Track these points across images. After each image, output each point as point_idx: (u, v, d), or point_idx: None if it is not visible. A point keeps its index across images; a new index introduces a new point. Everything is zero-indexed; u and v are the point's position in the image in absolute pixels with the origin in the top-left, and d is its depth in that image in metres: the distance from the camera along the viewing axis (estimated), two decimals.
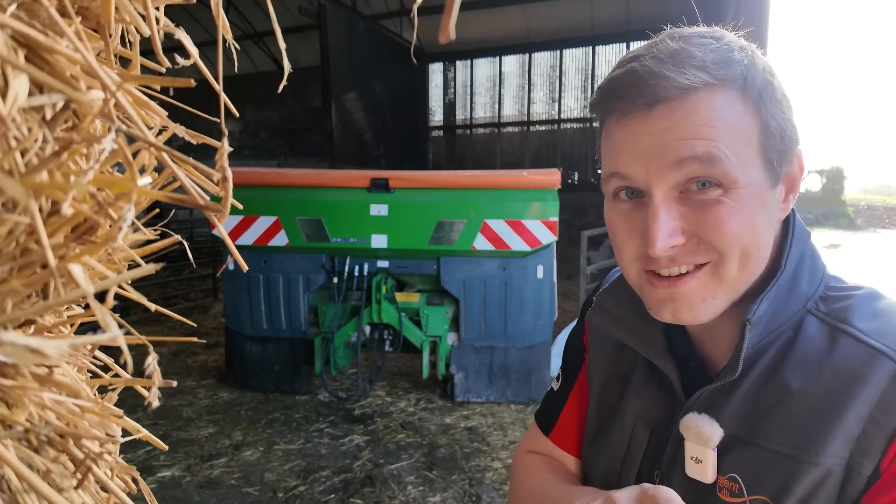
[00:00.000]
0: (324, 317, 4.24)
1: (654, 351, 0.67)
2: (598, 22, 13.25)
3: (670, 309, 0.59)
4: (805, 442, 0.54)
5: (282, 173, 4.30)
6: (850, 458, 0.53)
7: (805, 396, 0.56)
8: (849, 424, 0.53)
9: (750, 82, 0.56)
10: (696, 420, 0.60)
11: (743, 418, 0.59)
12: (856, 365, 0.54)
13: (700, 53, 0.55)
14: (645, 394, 0.70)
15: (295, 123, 15.32)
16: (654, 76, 0.54)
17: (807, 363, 0.57)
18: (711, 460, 0.59)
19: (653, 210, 0.56)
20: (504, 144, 15.19)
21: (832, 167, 28.46)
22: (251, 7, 13.56)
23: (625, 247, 0.61)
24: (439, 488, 3.09)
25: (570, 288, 8.04)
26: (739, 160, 0.54)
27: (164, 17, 0.41)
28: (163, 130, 0.43)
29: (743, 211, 0.55)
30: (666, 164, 0.55)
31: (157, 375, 0.40)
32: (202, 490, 3.04)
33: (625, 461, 0.70)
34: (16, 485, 0.33)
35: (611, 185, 0.61)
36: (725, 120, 0.54)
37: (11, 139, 0.29)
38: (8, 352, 0.26)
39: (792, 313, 0.60)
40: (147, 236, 0.45)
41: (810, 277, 0.62)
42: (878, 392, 0.52)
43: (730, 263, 0.56)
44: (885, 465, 0.51)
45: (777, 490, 0.55)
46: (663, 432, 0.67)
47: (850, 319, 0.57)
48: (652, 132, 0.55)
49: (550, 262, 4.09)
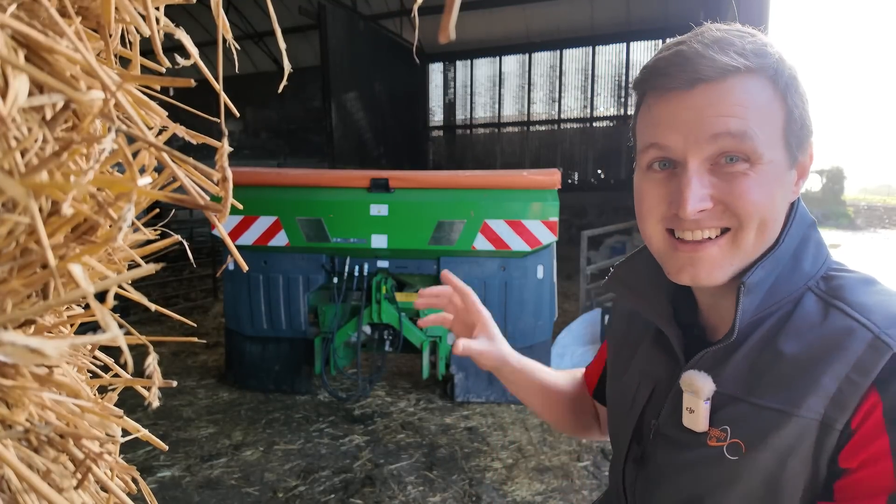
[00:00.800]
0: (324, 317, 4.24)
1: (661, 317, 0.74)
2: (598, 22, 13.25)
3: (689, 273, 0.65)
4: (788, 396, 0.60)
5: (282, 173, 4.30)
6: (825, 415, 0.57)
7: (794, 360, 0.61)
8: (826, 383, 0.58)
9: (780, 73, 0.62)
10: (692, 375, 0.67)
11: (740, 380, 0.65)
12: (839, 334, 0.60)
13: (740, 42, 0.61)
14: (650, 355, 0.78)
15: (295, 123, 15.32)
16: (700, 56, 0.60)
17: (800, 332, 0.63)
18: (703, 411, 0.66)
19: (687, 177, 0.62)
20: (504, 144, 15.18)
21: (832, 167, 28.47)
22: (251, 7, 13.56)
23: (653, 210, 0.67)
24: (439, 488, 3.09)
25: (570, 288, 8.04)
26: (766, 139, 0.60)
27: (164, 17, 0.41)
28: (163, 130, 0.43)
29: (765, 185, 0.61)
30: (703, 137, 0.61)
31: (157, 375, 0.40)
32: (202, 490, 3.04)
33: (629, 412, 0.79)
34: (16, 485, 0.33)
35: (647, 155, 0.66)
36: (757, 102, 0.60)
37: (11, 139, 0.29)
38: (8, 352, 0.26)
39: (794, 289, 0.65)
40: (147, 236, 0.45)
41: (814, 259, 0.67)
42: (855, 357, 0.57)
43: (748, 231, 0.62)
44: (857, 422, 0.56)
45: (753, 437, 0.61)
46: (664, 389, 0.74)
47: (842, 296, 0.63)
48: (690, 107, 0.61)
49: (550, 262, 4.08)
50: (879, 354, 0.56)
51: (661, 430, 0.73)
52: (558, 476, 3.22)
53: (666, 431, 0.72)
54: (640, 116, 0.69)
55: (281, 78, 0.47)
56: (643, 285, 0.77)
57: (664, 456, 0.72)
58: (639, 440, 0.77)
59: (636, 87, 0.69)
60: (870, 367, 0.56)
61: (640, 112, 0.69)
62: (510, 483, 3.14)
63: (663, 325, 0.74)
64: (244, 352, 4.38)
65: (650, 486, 0.74)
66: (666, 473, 0.71)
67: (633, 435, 0.77)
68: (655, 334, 0.78)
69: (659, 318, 0.74)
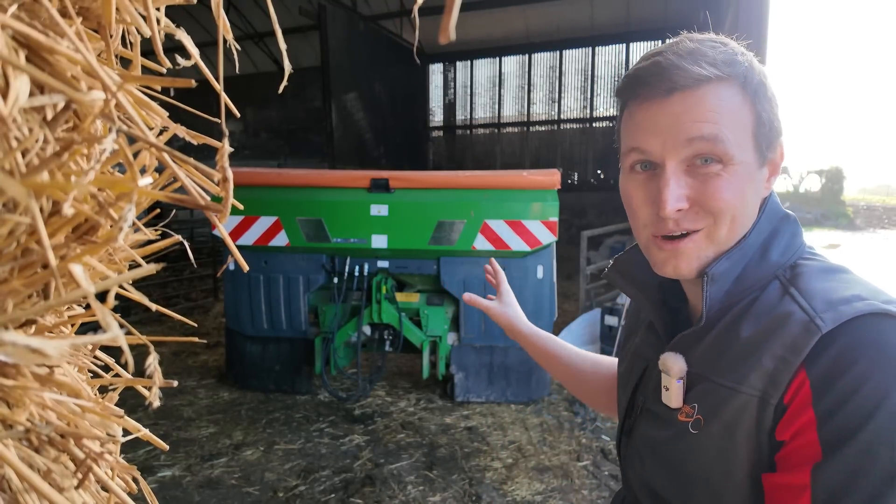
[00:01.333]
0: (324, 317, 4.24)
1: (651, 304, 0.82)
2: (598, 22, 13.25)
3: (672, 265, 0.71)
4: (736, 375, 0.66)
5: (282, 173, 4.30)
6: (763, 391, 0.63)
7: (746, 341, 0.67)
8: (765, 362, 0.63)
9: (749, 80, 0.68)
10: (667, 356, 0.74)
11: (707, 360, 0.71)
12: (783, 316, 0.64)
13: (711, 53, 0.67)
14: (645, 339, 0.86)
15: (295, 124, 15.31)
16: (675, 67, 0.66)
17: (758, 317, 0.68)
18: (676, 389, 0.72)
19: (665, 178, 0.68)
20: (504, 145, 15.18)
21: (832, 167, 28.47)
22: (251, 7, 13.56)
23: (639, 212, 0.73)
24: (439, 488, 3.09)
25: (570, 288, 8.04)
26: (737, 142, 0.66)
27: (165, 18, 0.41)
28: (163, 131, 0.43)
29: (736, 184, 0.67)
30: (679, 141, 0.66)
31: (157, 375, 0.40)
32: (202, 490, 3.04)
33: (625, 391, 0.87)
34: (17, 484, 0.33)
35: (630, 158, 0.72)
36: (728, 108, 0.66)
37: (12, 139, 0.29)
38: (9, 352, 0.26)
39: (760, 277, 0.70)
40: (148, 236, 0.45)
41: (784, 250, 0.72)
42: (791, 338, 0.62)
43: (721, 227, 0.68)
44: (788, 397, 0.61)
45: (709, 412, 0.68)
46: (652, 369, 0.81)
47: (797, 283, 0.67)
48: (668, 114, 0.67)
49: (550, 262, 4.08)
50: (810, 335, 0.61)
51: (646, 406, 0.80)
52: (558, 476, 3.22)
53: (649, 406, 0.79)
54: (623, 122, 0.75)
55: (281, 78, 0.48)
56: (638, 276, 0.84)
57: (645, 429, 0.79)
58: (629, 415, 0.85)
59: (619, 94, 0.75)
60: (801, 347, 0.61)
61: (623, 118, 0.75)
62: (510, 483, 3.14)
63: (650, 309, 0.81)
64: (245, 352, 4.38)
65: (635, 455, 0.81)
66: (647, 445, 0.78)
67: (626, 410, 0.86)
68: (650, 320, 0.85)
69: (649, 304, 0.82)
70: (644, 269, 0.81)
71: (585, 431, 3.77)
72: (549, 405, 4.18)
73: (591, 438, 3.67)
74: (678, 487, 0.72)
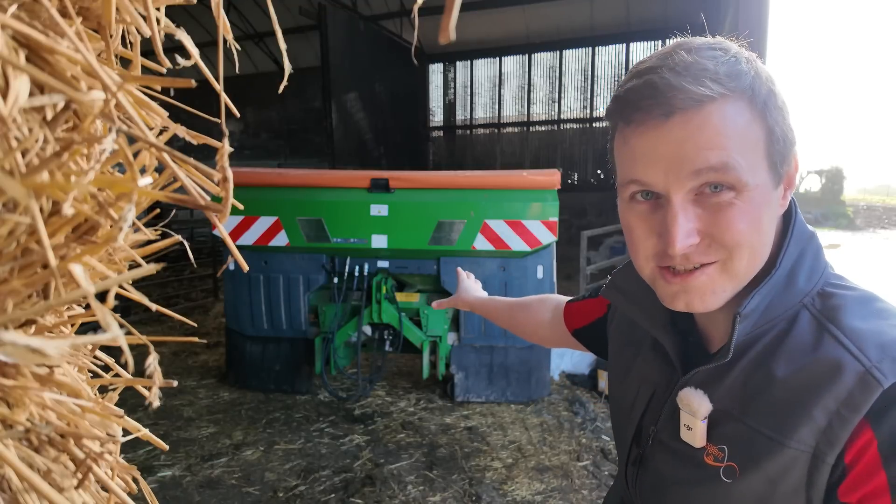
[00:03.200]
0: (324, 317, 4.24)
1: (656, 325, 0.74)
2: (598, 22, 13.24)
3: (683, 301, 0.64)
4: (780, 425, 0.60)
5: (282, 173, 4.30)
6: (817, 448, 0.57)
7: (786, 385, 0.61)
8: (817, 416, 0.57)
9: (757, 92, 0.60)
10: (689, 394, 0.68)
11: (734, 397, 0.65)
12: (831, 364, 0.58)
13: (712, 66, 0.59)
14: (650, 360, 0.79)
15: (295, 124, 15.31)
16: (672, 88, 0.58)
17: (793, 355, 0.62)
18: (700, 429, 0.66)
19: (672, 213, 0.60)
20: (504, 145, 15.18)
21: (832, 167, 28.46)
22: (251, 7, 13.55)
23: (641, 245, 0.65)
24: (439, 488, 3.09)
25: (570, 288, 8.04)
26: (749, 165, 0.59)
27: (165, 18, 0.41)
28: (163, 131, 0.43)
29: (752, 212, 0.60)
30: (684, 173, 0.59)
31: (157, 375, 0.40)
32: (202, 490, 3.04)
33: (630, 414, 0.80)
34: (16, 484, 0.33)
35: (629, 189, 0.65)
36: (736, 129, 0.58)
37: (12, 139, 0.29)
38: (9, 352, 0.26)
39: (787, 307, 0.64)
40: (148, 236, 0.45)
41: (809, 274, 0.66)
42: (846, 391, 0.56)
43: (738, 261, 0.61)
44: (850, 457, 0.56)
45: (747, 461, 0.62)
46: (661, 395, 0.75)
47: (837, 319, 0.61)
48: (669, 141, 0.59)
49: (550, 262, 4.08)
50: (870, 390, 0.55)
51: (658, 437, 0.74)
52: (558, 476, 3.22)
53: (663, 439, 0.73)
54: (616, 146, 0.67)
55: (281, 78, 0.48)
56: (640, 294, 0.77)
57: (662, 464, 0.73)
58: (638, 443, 0.78)
59: (609, 116, 0.67)
60: (860, 403, 0.56)
61: (615, 141, 0.67)
62: (510, 483, 3.14)
63: (659, 335, 0.74)
64: (245, 352, 4.38)
65: (648, 488, 0.75)
66: (664, 481, 0.72)
67: (633, 438, 0.79)
68: (654, 339, 0.79)
69: (655, 327, 0.75)
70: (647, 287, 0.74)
71: (585, 431, 3.77)
72: (549, 405, 4.18)
73: (591, 438, 3.67)
74: None
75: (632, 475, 0.79)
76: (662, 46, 0.67)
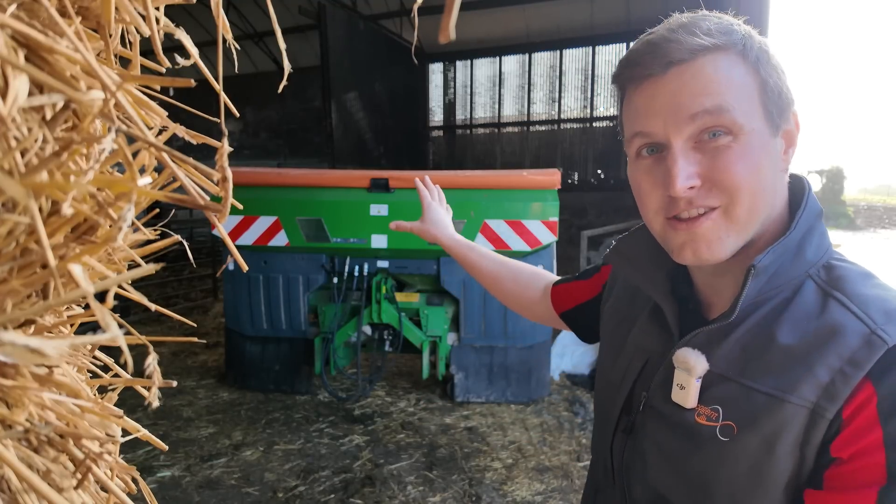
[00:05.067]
0: (324, 317, 4.24)
1: (658, 291, 0.76)
2: (598, 22, 13.24)
3: (690, 249, 0.66)
4: (780, 383, 0.61)
5: (282, 173, 4.30)
6: (816, 403, 0.58)
7: (789, 348, 0.62)
8: (819, 373, 0.59)
9: (749, 48, 0.64)
10: (686, 352, 0.69)
11: (732, 360, 0.66)
12: (836, 325, 0.60)
13: (705, 24, 0.64)
14: (647, 329, 0.80)
15: (295, 123, 15.30)
16: (667, 41, 0.63)
17: (798, 321, 0.63)
18: (693, 388, 0.67)
19: (672, 157, 0.64)
20: (504, 144, 15.18)
21: (832, 167, 28.49)
22: (251, 7, 13.55)
23: (649, 198, 0.68)
24: (439, 488, 3.09)
25: None
26: (743, 110, 0.62)
27: (164, 18, 0.41)
28: (163, 130, 0.43)
29: (749, 155, 0.62)
30: (681, 118, 0.63)
31: (157, 375, 0.40)
32: (202, 490, 3.04)
33: (620, 383, 0.80)
34: (16, 485, 0.33)
35: (634, 144, 0.69)
36: (728, 77, 0.62)
37: (11, 139, 0.29)
38: (8, 352, 0.26)
39: (794, 276, 0.66)
40: (147, 236, 0.45)
41: (817, 248, 0.68)
42: (850, 351, 0.58)
43: (739, 205, 0.63)
44: (849, 412, 0.57)
45: (744, 419, 0.63)
46: (656, 362, 0.76)
47: (842, 287, 0.64)
48: (666, 91, 0.64)
49: (550, 262, 4.08)
50: (874, 349, 0.57)
51: (650, 403, 0.74)
52: (558, 476, 3.22)
53: (655, 404, 0.73)
54: (623, 109, 0.72)
55: (281, 78, 0.47)
56: (643, 259, 0.79)
57: (653, 428, 0.73)
58: (628, 411, 0.78)
59: (615, 81, 0.72)
60: (863, 360, 0.57)
61: (623, 105, 0.72)
62: (510, 483, 3.14)
63: (660, 299, 0.76)
64: (244, 352, 4.38)
65: (637, 456, 0.75)
66: (655, 445, 0.72)
67: (623, 406, 0.79)
68: (653, 308, 0.79)
69: (656, 291, 0.76)
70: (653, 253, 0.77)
71: (585, 431, 3.77)
72: (549, 405, 4.18)
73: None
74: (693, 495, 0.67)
75: (619, 444, 0.79)
76: None
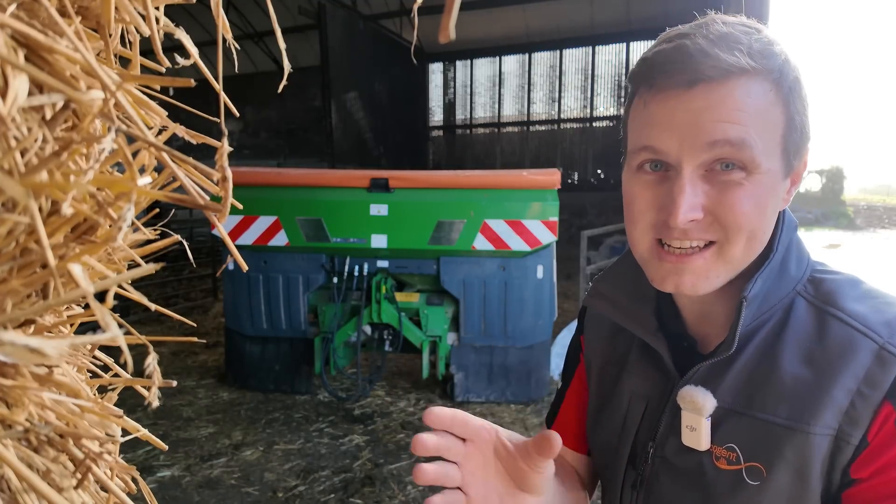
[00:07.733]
0: (324, 317, 4.24)
1: (646, 330, 0.71)
2: (598, 22, 13.25)
3: (673, 281, 0.62)
4: (798, 413, 0.58)
5: (282, 173, 4.30)
6: (840, 429, 0.56)
7: (797, 372, 0.60)
8: (837, 397, 0.57)
9: (784, 77, 0.58)
10: (691, 391, 0.64)
11: (738, 392, 0.63)
12: (843, 345, 0.58)
13: (746, 40, 0.57)
14: (640, 372, 0.74)
15: (295, 123, 15.31)
16: (704, 54, 0.56)
17: (799, 342, 0.61)
18: (705, 428, 0.63)
19: (680, 184, 0.58)
20: (504, 144, 15.19)
21: (832, 167, 28.52)
22: (251, 7, 13.55)
23: (641, 216, 0.63)
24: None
25: (570, 288, 8.04)
26: (765, 148, 0.58)
27: (164, 17, 0.41)
28: (163, 130, 0.43)
29: (759, 196, 0.58)
30: (699, 143, 0.57)
31: (156, 375, 0.40)
32: (202, 490, 3.04)
33: (621, 435, 0.74)
34: (16, 485, 0.33)
35: (639, 156, 0.63)
36: (758, 107, 0.57)
37: (11, 139, 0.29)
38: (8, 352, 0.26)
39: (783, 294, 0.64)
40: (147, 236, 0.45)
41: (797, 262, 0.66)
42: (864, 369, 0.56)
43: (735, 245, 0.59)
44: (872, 434, 0.55)
45: (771, 457, 0.59)
46: (657, 407, 0.71)
47: (835, 302, 0.62)
48: (688, 109, 0.58)
49: (550, 262, 4.08)
50: (888, 367, 0.56)
51: (660, 453, 0.69)
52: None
53: (666, 454, 0.68)
54: (633, 111, 0.65)
55: (281, 78, 0.47)
56: (625, 300, 0.74)
57: (669, 480, 0.67)
58: (634, 464, 0.72)
59: (632, 79, 0.64)
60: (880, 379, 0.55)
61: (633, 106, 0.65)
62: None
63: (650, 339, 0.70)
64: (244, 351, 4.38)
65: None
66: (674, 499, 0.67)
67: (628, 459, 0.73)
68: (641, 349, 0.74)
69: (645, 332, 0.71)
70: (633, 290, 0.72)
71: None
72: (549, 405, 4.18)
73: None
74: None
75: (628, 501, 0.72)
76: None
